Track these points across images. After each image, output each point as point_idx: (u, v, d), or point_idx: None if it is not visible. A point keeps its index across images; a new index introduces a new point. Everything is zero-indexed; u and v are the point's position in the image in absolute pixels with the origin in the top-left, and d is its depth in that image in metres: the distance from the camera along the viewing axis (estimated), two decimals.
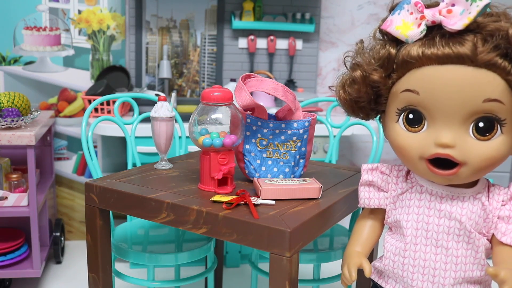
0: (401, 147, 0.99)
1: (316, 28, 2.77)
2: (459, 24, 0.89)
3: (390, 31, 0.97)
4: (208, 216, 1.13)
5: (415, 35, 0.93)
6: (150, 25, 2.64)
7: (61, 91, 2.63)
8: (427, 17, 0.92)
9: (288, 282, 1.04)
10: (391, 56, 0.97)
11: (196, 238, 1.66)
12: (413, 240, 1.03)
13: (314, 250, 1.59)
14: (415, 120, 0.96)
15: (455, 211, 0.99)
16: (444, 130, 0.93)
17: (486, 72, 0.88)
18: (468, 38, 0.88)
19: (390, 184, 1.09)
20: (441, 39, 0.91)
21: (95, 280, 1.39)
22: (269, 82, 1.29)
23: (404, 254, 1.04)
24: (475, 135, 0.92)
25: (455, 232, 0.99)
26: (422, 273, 1.02)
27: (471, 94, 0.89)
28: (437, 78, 0.91)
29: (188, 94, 2.74)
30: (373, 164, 1.11)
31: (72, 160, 2.71)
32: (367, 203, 1.12)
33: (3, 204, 2.02)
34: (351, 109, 1.09)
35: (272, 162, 1.34)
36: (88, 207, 1.35)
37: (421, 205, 1.03)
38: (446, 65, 0.90)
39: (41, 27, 2.55)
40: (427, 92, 0.93)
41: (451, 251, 1.00)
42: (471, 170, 0.93)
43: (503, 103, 0.89)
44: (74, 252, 2.62)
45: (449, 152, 0.92)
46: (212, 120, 1.25)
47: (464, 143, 0.92)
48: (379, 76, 0.99)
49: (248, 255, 2.48)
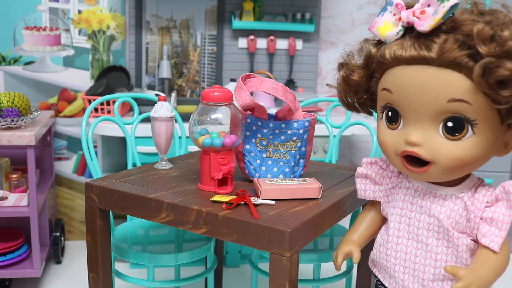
0: (381, 142, 1.03)
1: (316, 28, 2.77)
2: (426, 26, 0.90)
3: (373, 32, 1.00)
4: (208, 216, 1.13)
5: (392, 36, 0.95)
6: (150, 25, 2.64)
7: (61, 91, 2.63)
8: (403, 18, 0.94)
9: (288, 282, 1.05)
10: (371, 56, 1.01)
11: (196, 238, 1.66)
12: (395, 233, 1.06)
13: (314, 250, 1.59)
14: (393, 117, 0.99)
15: (434, 208, 1.00)
16: (413, 129, 0.95)
17: (450, 73, 0.88)
18: (437, 40, 0.88)
19: (385, 178, 1.12)
20: (414, 40, 0.92)
21: (95, 280, 1.39)
22: (269, 82, 1.29)
23: (387, 246, 1.07)
24: (444, 135, 0.93)
25: (434, 229, 1.00)
26: (404, 265, 1.05)
27: (436, 94, 0.90)
28: (405, 78, 0.93)
29: (188, 94, 2.74)
30: (373, 158, 1.15)
31: (72, 160, 2.71)
32: (362, 194, 1.17)
33: (3, 204, 2.02)
34: (346, 105, 1.15)
35: (272, 162, 1.34)
36: (88, 207, 1.35)
37: (405, 200, 1.05)
38: (412, 66, 0.92)
39: (41, 27, 2.55)
40: (397, 91, 0.95)
41: (430, 247, 1.01)
42: (440, 169, 0.94)
43: (469, 103, 0.88)
44: (74, 252, 2.62)
45: (416, 150, 0.94)
46: (212, 120, 1.25)
47: (432, 142, 0.93)
48: (359, 76, 1.04)
49: (248, 255, 2.48)
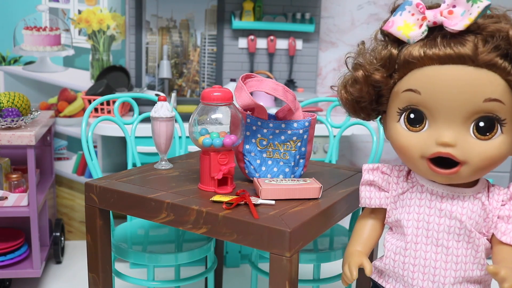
0: (402, 146, 1.00)
1: (316, 28, 2.77)
2: (460, 25, 0.90)
3: (392, 32, 0.98)
4: (208, 216, 1.13)
5: (417, 36, 0.95)
6: (150, 25, 2.64)
7: (61, 91, 2.63)
8: (429, 18, 0.94)
9: (288, 282, 1.05)
10: (392, 56, 0.98)
11: (196, 238, 1.66)
12: (413, 239, 1.03)
13: (314, 250, 1.59)
14: (416, 119, 0.97)
15: (455, 210, 0.99)
16: (445, 130, 0.94)
17: (486, 72, 0.90)
18: (469, 39, 0.89)
19: (391, 184, 1.09)
20: (443, 39, 0.92)
21: (95, 280, 1.39)
22: (269, 82, 1.29)
23: (405, 253, 1.05)
24: (475, 135, 0.93)
25: (456, 231, 1.00)
26: (423, 272, 1.03)
27: (472, 94, 0.90)
28: (439, 78, 0.92)
29: (188, 94, 2.74)
30: (374, 164, 1.12)
31: (72, 160, 2.71)
32: (368, 202, 1.13)
33: (3, 204, 2.02)
34: (353, 109, 1.11)
35: (272, 162, 1.34)
36: (88, 207, 1.35)
37: (421, 204, 1.03)
38: (447, 65, 0.91)
39: (41, 27, 2.55)
40: (428, 92, 0.93)
41: (451, 251, 1.00)
42: (472, 169, 0.94)
43: (503, 103, 0.90)
44: (74, 252, 2.62)
45: (450, 151, 0.93)
46: (212, 120, 1.25)
47: (464, 143, 0.93)
48: (381, 76, 1.00)
49: (248, 255, 2.47)
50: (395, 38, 0.98)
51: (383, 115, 1.10)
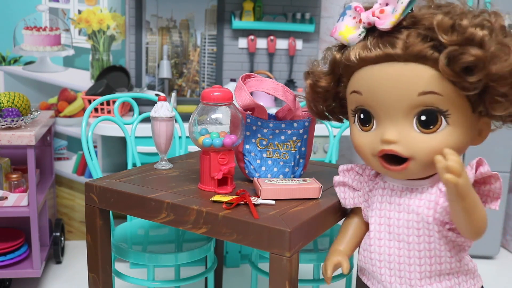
0: (356, 145, 1.03)
1: (316, 28, 2.77)
2: (387, 24, 0.91)
3: (335, 37, 1.00)
4: (208, 216, 1.13)
5: (354, 38, 0.96)
6: (150, 25, 2.64)
7: (61, 91, 2.63)
8: (363, 20, 0.95)
9: (288, 282, 1.05)
10: (336, 61, 1.01)
11: (196, 238, 1.66)
12: (376, 235, 1.05)
13: (314, 250, 1.59)
14: (366, 119, 0.99)
15: (412, 203, 0.99)
16: (388, 127, 0.95)
17: (416, 66, 0.90)
18: (400, 36, 0.90)
19: (362, 183, 1.12)
20: (373, 40, 0.93)
21: (95, 280, 1.39)
22: (269, 82, 1.29)
23: (370, 249, 1.06)
24: (419, 129, 0.93)
25: (414, 225, 0.99)
26: (389, 267, 1.04)
27: (405, 89, 0.91)
28: (373, 78, 0.94)
29: (188, 94, 2.74)
30: (349, 165, 1.15)
31: (72, 160, 2.71)
32: (343, 202, 1.17)
33: (3, 204, 2.02)
34: (316, 114, 1.15)
35: (272, 162, 1.34)
36: (88, 207, 1.35)
37: (383, 200, 1.05)
38: (378, 64, 0.93)
39: (41, 27, 2.55)
40: (367, 91, 0.96)
41: (412, 246, 1.00)
42: (420, 163, 0.94)
43: (440, 94, 0.90)
44: (74, 252, 2.62)
45: (393, 147, 0.94)
46: (212, 120, 1.25)
47: (408, 138, 0.94)
48: (326, 82, 1.04)
49: (248, 255, 2.48)
50: (341, 44, 1.01)
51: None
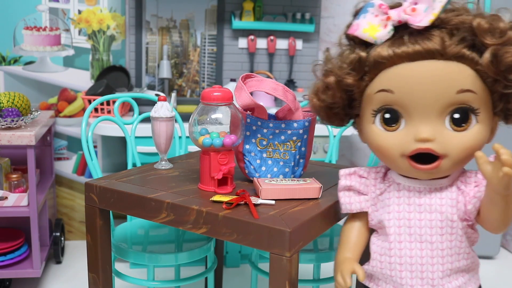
0: (381, 147, 1.00)
1: (316, 28, 2.77)
2: (425, 21, 0.92)
3: (358, 35, 0.99)
4: (208, 216, 1.13)
5: (383, 36, 0.96)
6: (150, 25, 2.64)
7: (61, 91, 2.63)
8: (393, 17, 0.95)
9: (288, 282, 1.04)
10: (361, 59, 0.99)
11: (196, 238, 1.66)
12: (397, 238, 1.04)
13: (314, 250, 1.59)
14: (392, 119, 0.98)
15: (434, 203, 1.00)
16: (422, 125, 0.95)
17: (456, 64, 0.92)
18: (435, 34, 0.92)
19: (369, 186, 1.10)
20: (410, 37, 0.93)
21: (95, 280, 1.39)
22: (269, 82, 1.29)
23: (390, 253, 1.05)
24: (452, 127, 0.95)
25: (437, 224, 1.00)
26: (410, 270, 1.03)
27: (445, 87, 0.92)
28: (410, 75, 0.93)
29: (188, 94, 2.74)
30: (351, 169, 1.13)
31: (72, 160, 2.71)
32: (348, 208, 1.13)
33: (3, 204, 2.02)
34: (326, 116, 1.10)
35: (272, 162, 1.34)
36: (88, 207, 1.35)
37: (400, 202, 1.04)
38: (417, 62, 0.93)
39: (41, 27, 2.55)
40: (401, 90, 0.95)
41: (435, 245, 1.01)
42: (452, 161, 0.96)
43: (475, 92, 0.93)
44: (74, 252, 2.62)
45: (429, 146, 0.94)
46: (212, 120, 1.25)
47: (442, 136, 0.95)
48: (353, 80, 1.01)
49: (248, 255, 2.47)
50: (361, 41, 0.99)
51: (356, 119, 1.10)
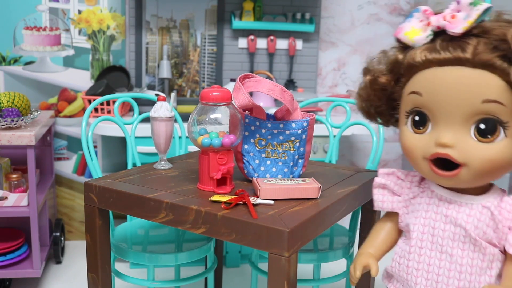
0: (406, 148, 1.01)
1: (316, 28, 2.77)
2: (459, 28, 0.92)
3: (399, 37, 1.01)
4: (207, 216, 1.13)
5: (421, 40, 0.97)
6: (150, 25, 2.64)
7: (61, 91, 2.63)
8: (433, 23, 0.96)
9: (287, 282, 1.05)
10: (398, 60, 1.01)
11: (196, 238, 1.66)
12: (418, 244, 1.03)
13: (314, 250, 1.59)
14: (421, 121, 0.98)
15: (460, 218, 0.98)
16: (444, 131, 0.94)
17: (484, 73, 0.90)
18: (470, 42, 0.91)
19: (403, 188, 1.10)
20: (442, 42, 0.94)
21: (95, 280, 1.39)
22: (267, 82, 1.29)
23: (409, 257, 1.04)
24: (476, 137, 0.92)
25: (460, 239, 0.98)
26: (426, 277, 1.02)
27: (470, 95, 0.90)
28: (437, 79, 0.93)
29: (188, 94, 2.74)
30: (390, 169, 1.13)
31: (72, 160, 2.71)
32: (380, 205, 1.13)
33: (3, 204, 2.02)
34: (367, 113, 1.14)
35: (271, 162, 1.34)
36: (88, 207, 1.35)
37: (429, 209, 1.03)
38: (445, 67, 0.93)
39: (41, 27, 2.55)
40: (428, 93, 0.95)
41: (455, 258, 0.98)
42: (472, 172, 0.93)
43: (503, 104, 0.89)
44: (74, 252, 2.62)
45: (448, 151, 0.93)
46: (211, 120, 1.25)
47: (464, 144, 0.92)
48: (386, 79, 1.03)
49: (248, 255, 2.48)
50: (404, 44, 1.01)
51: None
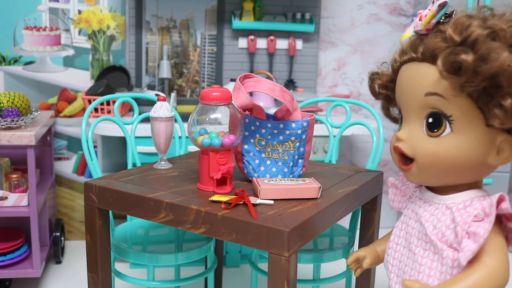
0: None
1: (316, 28, 2.77)
2: (419, 25, 0.94)
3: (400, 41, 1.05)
4: (207, 216, 1.13)
5: (405, 41, 0.99)
6: (150, 25, 2.64)
7: (61, 91, 2.63)
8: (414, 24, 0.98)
9: (287, 282, 1.05)
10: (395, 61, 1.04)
11: (196, 238, 1.66)
12: (395, 240, 1.05)
13: (314, 250, 1.59)
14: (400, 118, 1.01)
15: (423, 216, 0.97)
16: (403, 125, 0.97)
17: (429, 66, 0.90)
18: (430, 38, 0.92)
19: (408, 188, 1.13)
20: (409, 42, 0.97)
21: (95, 280, 1.39)
22: (267, 82, 1.29)
23: (388, 252, 1.07)
24: (426, 131, 0.93)
25: (422, 238, 0.96)
26: (396, 274, 1.03)
27: (415, 88, 0.93)
28: (400, 76, 0.98)
29: (188, 94, 2.74)
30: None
31: (72, 160, 2.71)
32: (391, 204, 1.18)
33: (3, 204, 2.02)
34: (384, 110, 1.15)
35: (271, 162, 1.34)
36: (88, 207, 1.35)
37: (409, 207, 1.05)
38: (406, 64, 0.96)
39: (41, 27, 2.55)
40: (396, 91, 1.00)
41: (417, 257, 0.97)
42: (419, 166, 0.94)
43: (444, 97, 0.88)
44: (74, 252, 2.62)
45: (399, 144, 0.96)
46: (211, 120, 1.25)
47: (415, 138, 0.94)
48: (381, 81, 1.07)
49: (248, 255, 2.48)
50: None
51: None
